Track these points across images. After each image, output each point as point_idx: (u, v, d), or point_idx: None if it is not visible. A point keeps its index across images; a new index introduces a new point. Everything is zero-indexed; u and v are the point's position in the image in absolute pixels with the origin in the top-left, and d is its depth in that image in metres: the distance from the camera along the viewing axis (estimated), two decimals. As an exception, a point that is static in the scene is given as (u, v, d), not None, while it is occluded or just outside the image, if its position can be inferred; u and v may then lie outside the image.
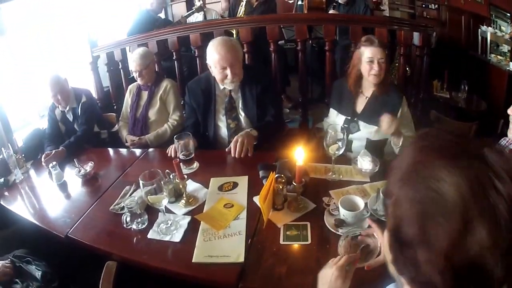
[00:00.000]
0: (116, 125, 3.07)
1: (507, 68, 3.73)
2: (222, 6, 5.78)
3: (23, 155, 2.48)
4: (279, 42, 4.12)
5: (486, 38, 4.08)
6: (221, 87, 2.36)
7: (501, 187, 0.48)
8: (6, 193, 2.24)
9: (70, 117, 2.83)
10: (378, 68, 2.03)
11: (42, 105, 3.69)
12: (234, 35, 3.81)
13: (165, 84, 2.87)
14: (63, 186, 2.18)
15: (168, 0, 6.25)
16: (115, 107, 3.75)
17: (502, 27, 4.01)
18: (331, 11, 4.04)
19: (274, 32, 3.05)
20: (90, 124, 2.83)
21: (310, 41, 3.92)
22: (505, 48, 3.98)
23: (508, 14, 3.89)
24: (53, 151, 2.46)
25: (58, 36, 4.23)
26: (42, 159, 2.40)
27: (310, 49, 3.81)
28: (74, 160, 2.27)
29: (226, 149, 2.18)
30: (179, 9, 6.12)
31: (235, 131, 2.34)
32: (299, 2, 4.60)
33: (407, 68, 3.10)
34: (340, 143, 1.77)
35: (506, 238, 0.47)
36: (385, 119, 1.90)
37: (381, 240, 0.75)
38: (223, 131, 2.42)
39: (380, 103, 2.11)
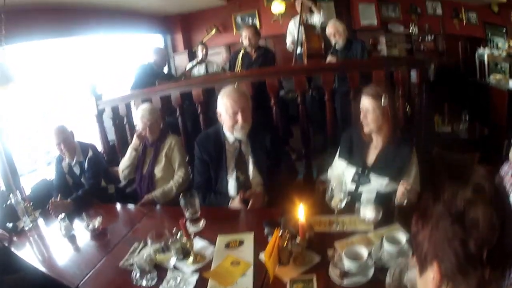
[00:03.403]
0: (123, 181, 3.08)
1: (507, 88, 3.73)
2: (223, 57, 6.02)
3: (31, 203, 2.52)
4: (280, 93, 4.18)
5: (484, 61, 4.10)
6: (231, 140, 2.38)
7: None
8: (15, 239, 2.29)
9: (77, 170, 2.90)
10: (362, 117, 2.11)
11: (49, 154, 3.79)
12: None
13: (170, 140, 2.89)
14: (72, 238, 2.22)
15: (170, 52, 6.46)
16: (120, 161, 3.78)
17: (499, 44, 4.05)
18: (329, 58, 4.05)
19: (274, 85, 3.07)
20: (97, 179, 2.88)
21: (310, 91, 3.96)
22: (503, 66, 3.99)
23: (504, 29, 3.95)
24: (59, 200, 2.52)
25: (64, 86, 4.40)
26: (50, 204, 2.45)
27: (310, 99, 3.86)
28: (83, 213, 2.29)
29: (241, 194, 2.23)
30: (181, 61, 6.32)
31: (244, 183, 2.35)
32: (298, 52, 4.73)
33: (407, 109, 3.04)
34: (342, 195, 1.82)
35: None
36: (401, 190, 1.89)
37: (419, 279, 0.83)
38: (232, 184, 2.38)
39: (392, 155, 2.12)
